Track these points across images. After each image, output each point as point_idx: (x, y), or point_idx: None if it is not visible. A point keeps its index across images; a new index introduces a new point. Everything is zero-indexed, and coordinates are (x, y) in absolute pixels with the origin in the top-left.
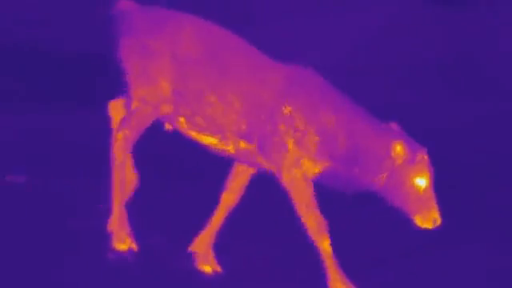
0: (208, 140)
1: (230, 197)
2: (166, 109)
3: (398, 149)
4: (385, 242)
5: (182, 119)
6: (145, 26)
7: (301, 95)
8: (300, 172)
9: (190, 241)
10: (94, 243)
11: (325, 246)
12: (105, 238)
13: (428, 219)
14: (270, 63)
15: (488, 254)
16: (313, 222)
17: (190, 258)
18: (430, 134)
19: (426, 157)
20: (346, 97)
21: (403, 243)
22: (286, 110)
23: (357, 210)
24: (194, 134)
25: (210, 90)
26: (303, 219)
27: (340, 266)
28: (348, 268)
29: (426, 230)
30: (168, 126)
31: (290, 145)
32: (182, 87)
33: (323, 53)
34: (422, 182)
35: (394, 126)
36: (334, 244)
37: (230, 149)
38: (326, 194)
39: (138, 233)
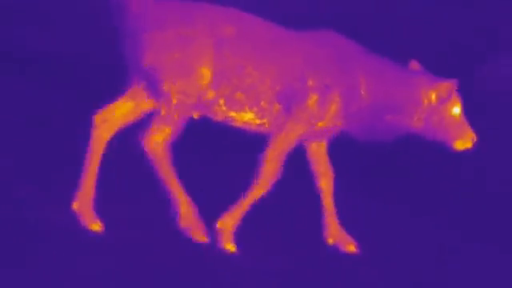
0: (247, 116)
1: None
2: (209, 95)
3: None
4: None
5: (221, 101)
6: (179, 18)
7: (329, 55)
8: (303, 129)
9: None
10: None
11: (259, 192)
12: None
13: (467, 140)
14: (295, 32)
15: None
16: (271, 169)
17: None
18: None
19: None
20: (371, 52)
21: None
22: (316, 67)
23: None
24: (233, 115)
25: (247, 63)
26: (265, 162)
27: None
28: None
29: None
30: (195, 115)
31: (311, 101)
32: (221, 67)
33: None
34: (457, 110)
35: (414, 64)
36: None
37: (265, 122)
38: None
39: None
